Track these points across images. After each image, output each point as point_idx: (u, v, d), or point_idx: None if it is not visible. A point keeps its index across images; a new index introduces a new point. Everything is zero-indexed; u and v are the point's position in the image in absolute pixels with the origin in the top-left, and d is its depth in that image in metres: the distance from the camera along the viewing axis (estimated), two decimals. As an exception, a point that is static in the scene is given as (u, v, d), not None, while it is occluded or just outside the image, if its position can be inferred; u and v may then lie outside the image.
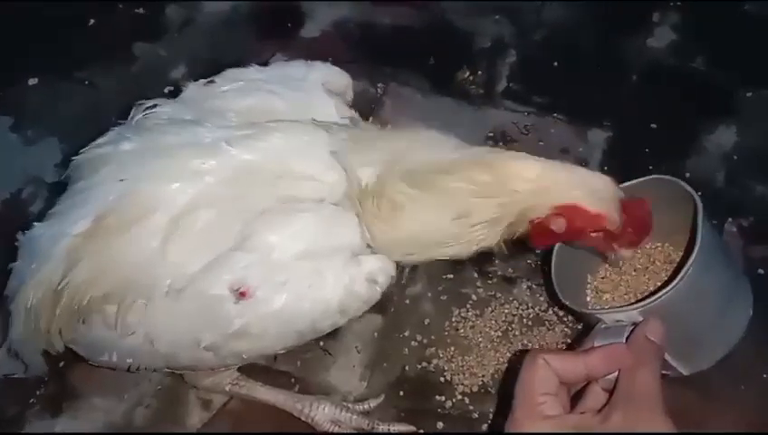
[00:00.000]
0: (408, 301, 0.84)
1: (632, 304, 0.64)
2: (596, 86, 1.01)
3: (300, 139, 0.63)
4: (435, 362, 0.79)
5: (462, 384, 0.77)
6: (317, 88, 0.70)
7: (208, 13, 1.10)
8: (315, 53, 1.01)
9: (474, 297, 0.83)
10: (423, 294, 0.84)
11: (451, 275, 0.85)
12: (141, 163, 0.62)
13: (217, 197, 0.60)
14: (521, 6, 1.09)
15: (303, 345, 0.79)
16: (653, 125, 0.97)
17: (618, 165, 0.93)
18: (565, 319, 0.81)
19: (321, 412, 0.73)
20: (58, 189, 0.90)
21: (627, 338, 0.59)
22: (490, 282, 0.84)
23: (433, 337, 0.80)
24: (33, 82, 1.04)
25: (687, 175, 0.92)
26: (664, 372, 0.65)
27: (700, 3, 1.08)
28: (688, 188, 0.67)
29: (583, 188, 0.60)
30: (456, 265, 0.86)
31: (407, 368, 0.79)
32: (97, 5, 1.10)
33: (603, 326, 0.63)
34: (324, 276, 0.61)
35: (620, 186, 0.70)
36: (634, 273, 0.75)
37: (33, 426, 0.76)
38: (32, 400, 0.77)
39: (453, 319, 0.81)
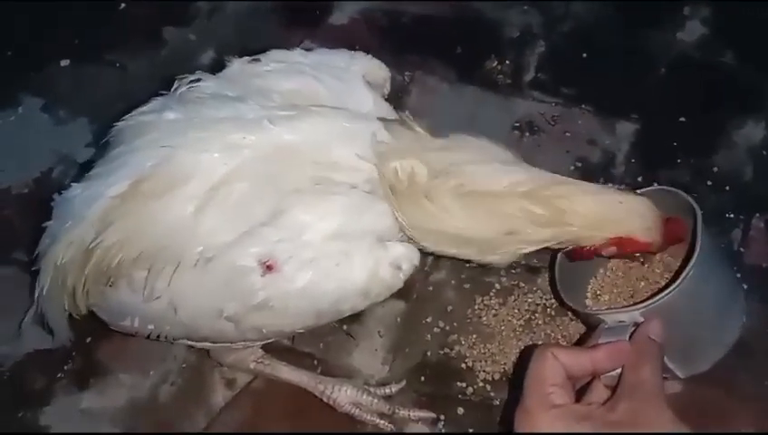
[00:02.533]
0: (431, 287, 0.84)
1: (635, 304, 0.65)
2: (624, 78, 1.00)
3: (341, 125, 0.64)
4: (457, 348, 0.79)
5: (483, 371, 0.78)
6: (358, 79, 0.71)
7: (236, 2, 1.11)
8: (343, 40, 1.01)
9: (497, 286, 0.83)
10: (446, 281, 0.84)
11: (475, 264, 0.85)
12: (183, 132, 0.63)
13: (255, 172, 0.61)
14: (550, -3, 1.09)
15: (326, 328, 0.81)
16: (681, 118, 0.96)
17: (645, 158, 0.93)
18: (588, 310, 0.81)
19: (342, 394, 0.74)
20: (88, 169, 0.93)
21: (629, 337, 0.61)
22: (514, 271, 0.84)
23: (455, 324, 0.81)
24: (64, 63, 1.05)
25: (715, 169, 0.91)
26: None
27: (731, -3, 1.07)
28: (687, 197, 0.69)
29: (634, 223, 0.64)
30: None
31: (428, 354, 0.79)
32: (129, -11, 1.12)
33: (606, 326, 0.65)
34: (351, 258, 0.61)
35: None
36: (634, 280, 0.76)
37: (59, 399, 0.78)
38: (59, 374, 0.79)
39: (476, 307, 0.82)
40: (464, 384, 0.77)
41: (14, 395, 0.78)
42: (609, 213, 0.63)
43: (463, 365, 0.78)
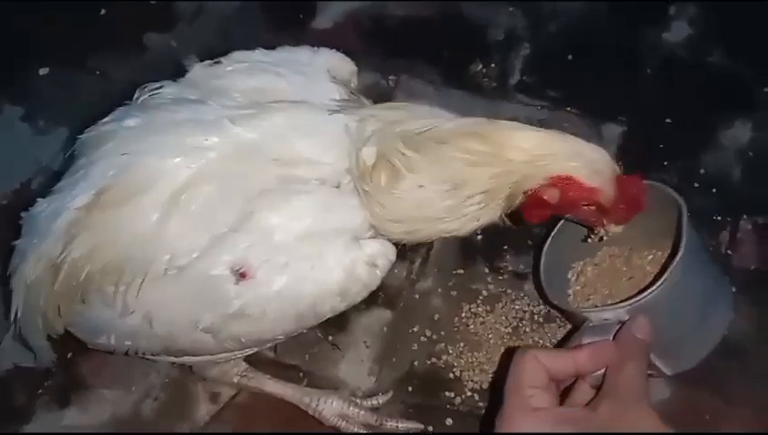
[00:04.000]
0: (417, 296, 0.83)
1: (619, 302, 0.64)
2: (611, 80, 0.99)
3: (303, 119, 0.63)
4: (444, 357, 0.78)
5: (471, 381, 0.77)
6: (321, 73, 0.69)
7: (220, 3, 1.09)
8: (327, 44, 0.99)
9: (484, 293, 0.82)
10: (433, 289, 0.83)
11: (461, 271, 0.84)
12: (143, 138, 0.61)
13: (218, 173, 0.60)
14: (535, -2, 1.08)
15: (312, 339, 0.80)
16: (668, 120, 0.95)
17: (632, 160, 0.90)
18: (577, 316, 0.80)
19: (328, 407, 0.73)
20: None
21: (614, 336, 0.60)
22: (501, 278, 0.83)
23: (442, 333, 0.80)
24: (44, 71, 1.03)
25: (702, 171, 0.91)
26: (648, 372, 0.66)
27: (717, -3, 1.07)
28: (672, 192, 0.68)
29: (580, 160, 0.60)
30: (466, 259, 0.85)
31: (416, 363, 0.78)
32: (108, -5, 1.10)
33: (590, 325, 0.64)
34: (325, 259, 0.60)
35: None
36: (621, 278, 0.75)
37: (40, 416, 0.76)
38: (40, 390, 0.78)
39: (463, 315, 0.81)
40: (452, 394, 0.76)
41: (-6, 412, 0.77)
42: (550, 147, 0.60)
43: (451, 375, 0.77)
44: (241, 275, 0.59)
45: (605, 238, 0.68)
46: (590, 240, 0.70)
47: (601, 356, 0.57)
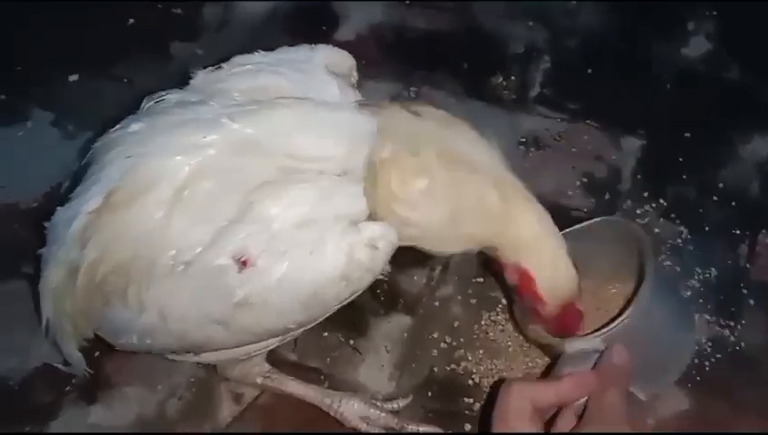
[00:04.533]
0: (437, 303, 0.84)
1: (593, 332, 0.67)
2: (630, 94, 1.00)
3: (303, 114, 0.64)
4: (463, 364, 0.79)
5: (490, 387, 0.77)
6: (320, 69, 0.70)
7: (244, 14, 1.12)
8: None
9: (503, 301, 0.83)
10: (453, 296, 0.84)
11: (481, 279, 0.85)
12: (146, 141, 0.63)
13: (219, 168, 0.61)
14: (555, 12, 1.09)
15: (333, 343, 0.81)
16: (687, 134, 0.96)
17: (651, 173, 0.93)
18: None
19: (350, 408, 0.74)
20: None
21: (594, 364, 0.63)
22: (520, 286, 0.84)
23: (462, 340, 0.81)
24: (73, 78, 1.06)
25: (721, 185, 0.92)
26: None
27: (735, 13, 1.08)
28: (633, 225, 0.74)
29: (548, 272, 0.65)
30: (486, 268, 0.86)
31: (435, 369, 0.79)
32: (136, 5, 1.12)
33: (566, 357, 0.66)
34: (324, 244, 0.61)
35: (573, 228, 0.75)
36: (593, 309, 0.77)
37: (67, 413, 0.78)
38: (67, 388, 0.79)
39: (482, 322, 0.82)
40: (471, 400, 0.77)
41: (21, 409, 0.78)
42: (540, 244, 0.65)
43: (470, 381, 0.78)
44: (242, 264, 0.60)
45: (528, 333, 0.74)
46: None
47: (582, 385, 0.59)
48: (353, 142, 0.63)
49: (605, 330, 0.65)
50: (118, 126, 0.67)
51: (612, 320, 0.66)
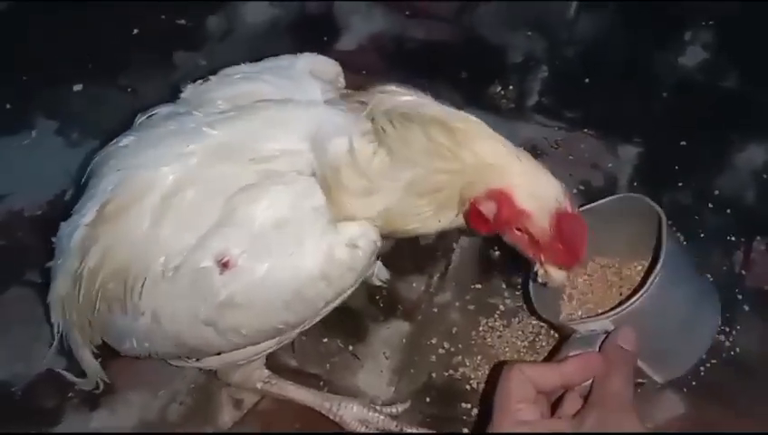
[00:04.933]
0: (435, 309, 0.85)
1: (604, 313, 0.65)
2: (627, 103, 1.01)
3: (279, 115, 0.66)
4: (461, 370, 0.80)
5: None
6: (304, 74, 0.72)
7: (247, 25, 1.13)
8: (350, 65, 1.03)
9: (501, 308, 0.84)
10: (451, 303, 0.85)
11: (479, 286, 0.86)
12: (136, 153, 0.66)
13: (201, 177, 0.64)
14: (553, 23, 1.11)
15: (332, 349, 0.82)
16: (683, 142, 0.97)
17: (647, 181, 0.94)
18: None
19: (348, 411, 0.75)
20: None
21: (600, 346, 0.61)
22: (518, 293, 0.85)
23: (460, 346, 0.82)
24: (77, 87, 1.07)
25: (717, 192, 0.92)
26: (639, 380, 0.68)
27: (731, 23, 1.09)
28: (652, 203, 0.70)
29: (522, 180, 0.61)
30: (484, 274, 0.87)
31: (433, 375, 0.80)
32: (141, 16, 1.14)
33: (578, 336, 0.65)
34: (303, 244, 0.62)
35: (590, 205, 0.74)
36: (610, 290, 0.77)
37: (70, 418, 0.79)
38: (70, 393, 0.80)
39: (480, 328, 0.83)
40: (468, 406, 0.78)
41: (25, 414, 0.79)
42: (500, 159, 0.61)
43: (468, 387, 0.79)
44: (224, 265, 0.62)
45: (548, 284, 0.66)
46: (538, 280, 0.67)
47: (587, 367, 0.58)
48: (318, 137, 0.64)
49: (616, 311, 0.63)
50: (113, 141, 0.70)
51: (624, 301, 0.64)
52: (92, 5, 1.15)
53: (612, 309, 0.64)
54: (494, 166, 0.61)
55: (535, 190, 0.61)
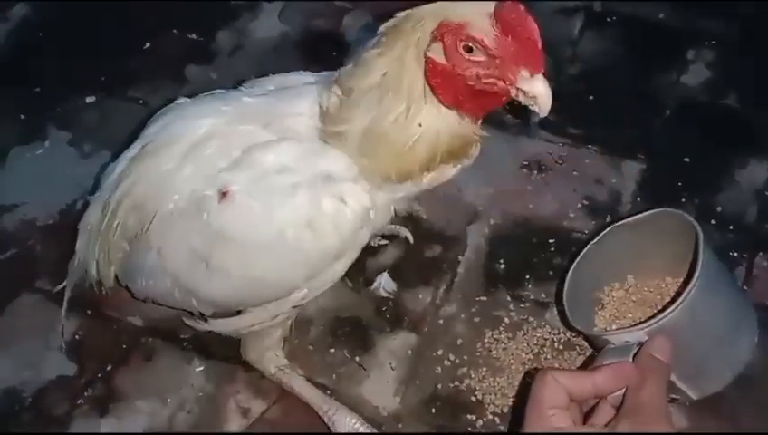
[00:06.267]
0: (441, 321, 0.86)
1: (639, 324, 0.66)
2: (630, 120, 1.03)
3: (302, 90, 0.70)
4: (467, 381, 0.81)
5: (493, 404, 0.79)
6: None
7: (257, 39, 1.15)
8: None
9: (506, 320, 0.85)
10: (457, 315, 0.86)
11: (484, 298, 0.87)
12: (183, 109, 0.75)
13: (228, 130, 0.69)
14: (558, 41, 1.12)
15: (339, 359, 0.83)
16: (686, 159, 0.99)
17: (651, 197, 0.95)
18: (596, 345, 0.83)
19: (343, 419, 0.77)
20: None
21: (634, 357, 0.62)
22: (522, 306, 0.86)
23: (465, 357, 0.83)
24: (90, 99, 1.09)
25: (719, 209, 0.94)
26: (673, 396, 0.68)
27: (734, 42, 1.11)
28: (690, 218, 0.71)
29: (441, 8, 0.61)
30: (489, 287, 0.88)
31: (439, 386, 0.81)
32: (153, 30, 1.16)
33: (611, 347, 0.66)
34: (297, 190, 0.65)
35: (627, 220, 0.75)
36: (647, 305, 0.78)
37: (79, 425, 0.80)
38: (80, 400, 0.81)
39: (485, 340, 0.84)
40: (473, 417, 0.79)
41: (35, 421, 0.80)
42: (414, 17, 0.62)
43: (473, 398, 0.80)
44: (223, 195, 0.66)
45: (539, 114, 0.64)
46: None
47: (620, 376, 0.59)
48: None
49: (650, 323, 0.63)
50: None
51: (661, 312, 0.64)
52: (106, 19, 1.17)
53: (647, 320, 0.65)
54: (415, 25, 0.62)
55: (458, 6, 0.61)
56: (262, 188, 0.66)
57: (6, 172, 1.02)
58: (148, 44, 1.15)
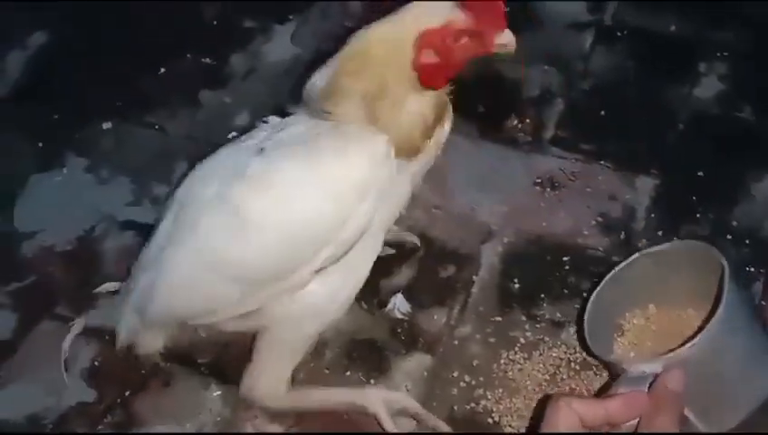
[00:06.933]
0: (456, 342, 0.86)
1: (657, 355, 0.66)
2: (643, 134, 1.03)
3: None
4: (483, 403, 0.81)
5: (510, 426, 0.79)
6: None
7: (270, 62, 1.17)
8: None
9: (522, 340, 0.85)
10: (471, 335, 0.86)
11: (500, 318, 0.87)
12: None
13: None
14: (569, 56, 1.13)
15: (355, 381, 0.83)
16: (700, 173, 0.98)
17: (665, 212, 0.95)
18: (612, 364, 0.82)
19: (372, 393, 0.78)
20: (128, 227, 0.98)
21: (649, 387, 0.62)
22: (538, 326, 0.86)
23: (481, 378, 0.82)
24: (107, 126, 1.11)
25: (735, 223, 0.93)
26: (685, 431, 0.67)
27: (747, 54, 1.10)
28: (716, 253, 0.70)
29: (420, 19, 0.67)
30: (504, 307, 0.88)
31: (455, 408, 0.81)
32: (168, 55, 1.18)
33: (627, 376, 0.66)
34: (321, 137, 0.71)
35: (650, 250, 0.76)
36: (668, 336, 0.76)
37: (100, 451, 0.81)
38: (100, 427, 0.82)
39: (501, 361, 0.83)
40: (490, 439, 0.79)
41: (56, 447, 0.82)
42: (395, 28, 0.69)
43: (489, 420, 0.80)
44: (260, 150, 0.73)
45: (511, 50, 0.69)
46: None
47: (633, 405, 0.59)
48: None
49: (669, 355, 0.64)
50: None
51: (681, 345, 0.64)
52: (122, 46, 1.19)
53: (666, 352, 0.65)
54: (401, 37, 0.67)
55: (431, 10, 0.67)
56: (289, 151, 0.72)
57: (25, 199, 1.03)
58: (162, 70, 1.17)
